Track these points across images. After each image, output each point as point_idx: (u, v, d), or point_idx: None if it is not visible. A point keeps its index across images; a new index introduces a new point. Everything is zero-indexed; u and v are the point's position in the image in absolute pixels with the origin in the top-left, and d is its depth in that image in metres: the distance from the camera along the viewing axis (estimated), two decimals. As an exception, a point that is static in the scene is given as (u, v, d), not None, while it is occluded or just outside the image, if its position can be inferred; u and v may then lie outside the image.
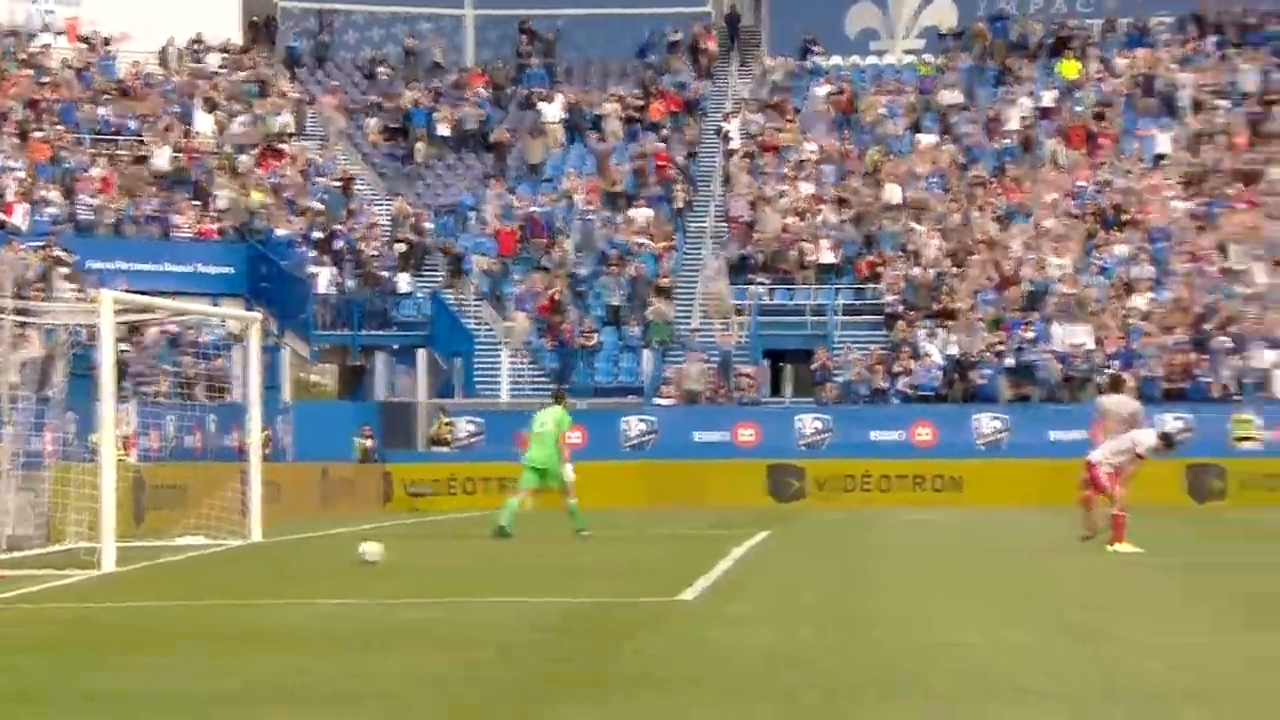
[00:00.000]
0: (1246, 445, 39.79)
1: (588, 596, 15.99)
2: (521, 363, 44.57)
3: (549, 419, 25.40)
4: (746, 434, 40.78)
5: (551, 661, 11.25)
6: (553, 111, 52.36)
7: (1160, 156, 49.70)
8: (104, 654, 12.30)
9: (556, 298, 45.40)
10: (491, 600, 15.92)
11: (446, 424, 41.54)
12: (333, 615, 14.93)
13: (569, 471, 25.01)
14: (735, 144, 51.34)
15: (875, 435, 40.99)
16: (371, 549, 19.40)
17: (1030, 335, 42.95)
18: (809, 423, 41.13)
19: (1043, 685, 10.37)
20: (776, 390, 44.70)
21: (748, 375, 43.58)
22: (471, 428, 41.98)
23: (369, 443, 40.92)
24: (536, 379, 44.23)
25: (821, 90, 53.08)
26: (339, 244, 46.09)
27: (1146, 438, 22.65)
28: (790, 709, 9.14)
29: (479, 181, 50.49)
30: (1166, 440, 23.10)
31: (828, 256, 46.56)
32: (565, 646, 12.17)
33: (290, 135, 50.93)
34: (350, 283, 45.60)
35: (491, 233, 48.14)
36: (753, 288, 45.86)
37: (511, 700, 9.61)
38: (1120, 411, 23.09)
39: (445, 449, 41.52)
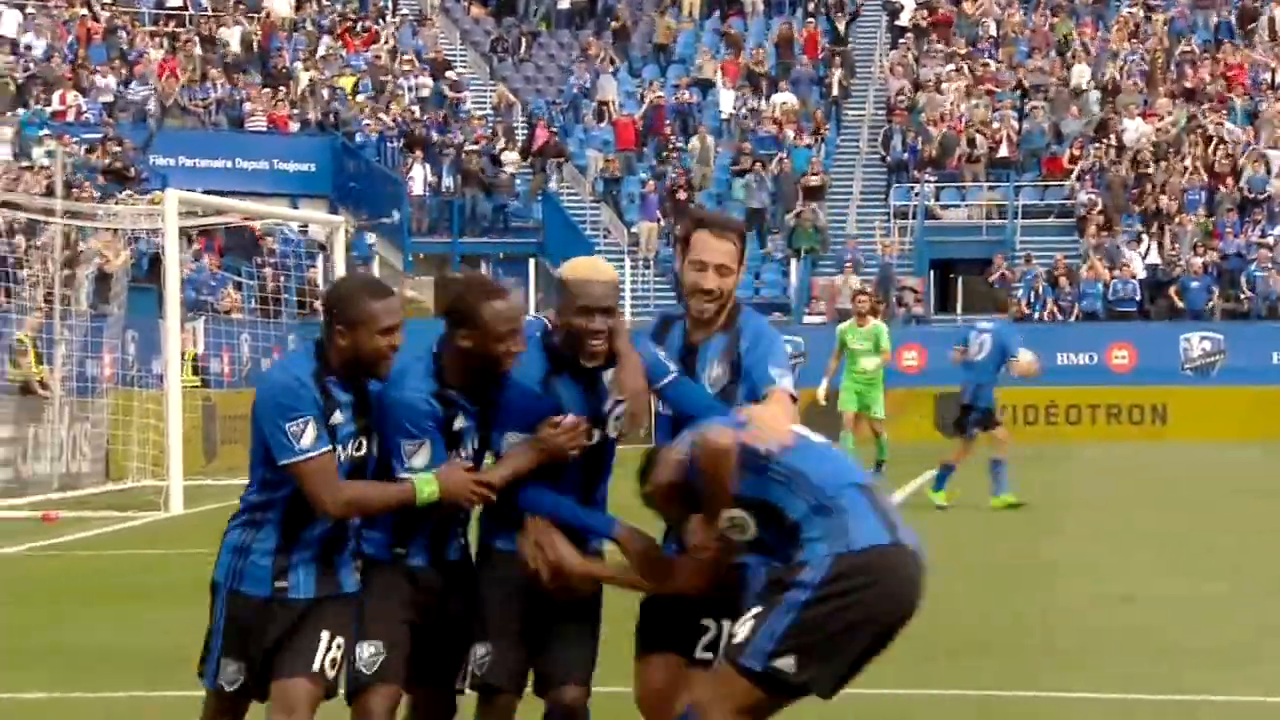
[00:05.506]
0: None
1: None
2: (646, 274, 44.68)
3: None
4: (910, 357, 40.55)
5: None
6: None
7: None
8: (161, 607, 12.53)
9: (686, 199, 45.38)
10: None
11: None
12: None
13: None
14: (905, 17, 51.03)
15: (1063, 359, 40.75)
16: None
17: (1248, 240, 42.56)
18: (984, 344, 40.98)
19: (1214, 643, 10.37)
20: (945, 306, 44.47)
21: (911, 289, 43.40)
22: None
23: None
24: (663, 293, 44.29)
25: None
26: (436, 137, 46.32)
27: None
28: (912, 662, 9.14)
29: (596, 64, 50.43)
30: None
31: (1004, 150, 46.25)
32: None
33: (380, 12, 51.12)
34: (449, 182, 45.87)
35: (610, 124, 48.18)
36: (918, 187, 45.64)
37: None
38: None
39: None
